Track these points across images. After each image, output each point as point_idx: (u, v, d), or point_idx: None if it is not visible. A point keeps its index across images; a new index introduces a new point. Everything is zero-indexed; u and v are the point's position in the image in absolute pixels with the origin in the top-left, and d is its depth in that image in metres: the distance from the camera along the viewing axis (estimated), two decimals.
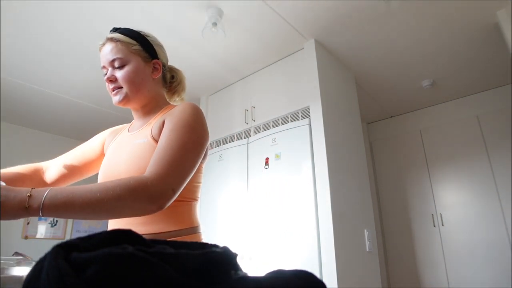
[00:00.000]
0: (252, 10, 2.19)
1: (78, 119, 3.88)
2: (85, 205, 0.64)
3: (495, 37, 2.50)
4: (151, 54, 0.95)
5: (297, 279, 0.42)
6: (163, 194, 0.69)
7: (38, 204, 0.62)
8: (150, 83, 0.95)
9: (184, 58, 2.72)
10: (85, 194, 0.64)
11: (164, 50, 1.02)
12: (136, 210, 0.68)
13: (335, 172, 2.18)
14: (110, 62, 0.90)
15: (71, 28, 2.36)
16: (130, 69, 0.90)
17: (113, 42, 0.90)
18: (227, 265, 0.41)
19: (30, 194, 0.63)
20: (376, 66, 2.88)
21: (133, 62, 0.90)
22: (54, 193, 0.64)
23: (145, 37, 0.95)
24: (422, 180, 3.42)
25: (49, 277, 0.29)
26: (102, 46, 0.92)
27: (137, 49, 0.92)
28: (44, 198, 0.62)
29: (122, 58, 0.89)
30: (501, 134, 3.04)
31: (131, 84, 0.90)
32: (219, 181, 2.73)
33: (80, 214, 0.65)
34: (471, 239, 2.98)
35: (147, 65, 0.94)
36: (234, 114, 2.97)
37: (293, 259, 2.06)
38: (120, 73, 0.89)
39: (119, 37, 0.90)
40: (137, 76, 0.91)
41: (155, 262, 0.31)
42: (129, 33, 0.93)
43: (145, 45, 0.94)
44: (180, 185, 0.74)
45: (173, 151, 0.76)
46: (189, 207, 0.89)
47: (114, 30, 0.94)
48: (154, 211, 0.69)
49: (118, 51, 0.89)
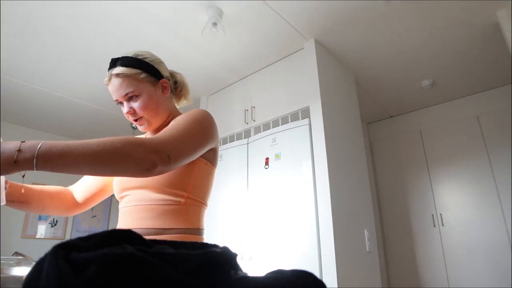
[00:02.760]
0: (252, 10, 2.19)
1: (78, 119, 3.88)
2: (81, 156, 0.63)
3: (495, 37, 2.50)
4: (156, 75, 0.97)
5: (297, 279, 0.42)
6: (158, 153, 0.70)
7: (31, 157, 0.61)
8: (165, 102, 0.99)
9: (184, 58, 2.72)
10: (81, 146, 0.64)
11: (164, 64, 1.03)
12: (131, 164, 0.68)
13: (335, 172, 2.18)
14: (123, 97, 0.93)
15: (72, 28, 2.36)
16: (144, 98, 0.93)
17: (119, 78, 0.92)
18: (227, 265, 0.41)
19: (19, 149, 0.61)
20: (376, 66, 2.89)
21: (144, 90, 0.94)
22: (49, 146, 0.63)
23: (145, 61, 0.96)
24: (422, 180, 3.42)
25: (49, 277, 0.29)
26: (109, 82, 0.94)
27: (144, 76, 0.94)
28: (38, 150, 0.61)
29: (134, 90, 0.92)
30: (501, 134, 3.04)
31: (149, 111, 0.94)
32: (219, 181, 2.73)
33: (76, 167, 0.64)
34: (471, 239, 2.98)
35: (157, 87, 0.97)
36: (234, 114, 2.97)
37: (293, 259, 2.06)
38: (136, 104, 0.93)
39: (124, 71, 0.92)
40: (152, 102, 0.95)
41: (155, 262, 0.31)
42: (131, 63, 0.93)
43: (149, 70, 0.95)
44: (177, 156, 0.75)
45: (175, 129, 0.80)
46: (199, 209, 0.91)
47: (113, 62, 0.94)
48: (149, 170, 0.69)
49: (128, 85, 0.92)
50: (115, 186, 0.95)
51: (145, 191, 0.86)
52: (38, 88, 3.16)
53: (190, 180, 0.87)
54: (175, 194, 0.85)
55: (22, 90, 3.18)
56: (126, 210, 0.89)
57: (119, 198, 0.95)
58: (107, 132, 4.22)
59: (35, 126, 4.08)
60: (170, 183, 0.85)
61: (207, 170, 0.92)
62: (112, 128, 4.04)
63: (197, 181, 0.89)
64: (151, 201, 0.85)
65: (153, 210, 0.84)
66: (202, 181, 0.90)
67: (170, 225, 0.83)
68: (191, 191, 0.87)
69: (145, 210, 0.85)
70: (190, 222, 0.87)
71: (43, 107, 3.56)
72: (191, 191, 0.87)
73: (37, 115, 3.76)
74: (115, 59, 0.94)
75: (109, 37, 2.47)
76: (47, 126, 4.09)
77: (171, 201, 0.85)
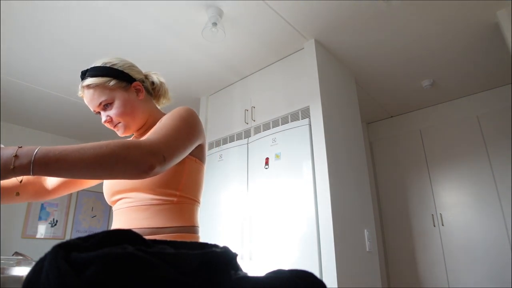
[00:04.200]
0: (252, 10, 2.20)
1: (78, 119, 3.88)
2: (78, 161, 0.64)
3: (495, 37, 2.50)
4: (127, 79, 0.97)
5: (297, 279, 0.42)
6: (155, 155, 0.71)
7: (28, 162, 0.61)
8: (140, 105, 0.99)
9: (184, 58, 2.72)
10: (78, 150, 0.65)
11: (135, 66, 1.03)
12: (129, 167, 0.68)
13: (335, 172, 2.18)
14: (98, 107, 0.95)
15: (72, 29, 2.36)
16: (118, 104, 0.94)
17: (91, 89, 0.93)
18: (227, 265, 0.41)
19: (16, 154, 0.62)
20: (376, 66, 2.89)
21: (117, 97, 0.94)
22: (46, 151, 0.63)
23: (114, 68, 0.96)
24: (422, 180, 3.42)
25: (49, 277, 0.29)
26: (83, 94, 0.95)
27: (114, 83, 0.94)
28: (35, 155, 0.62)
29: (106, 99, 0.93)
30: (501, 134, 3.04)
31: (125, 116, 0.95)
32: (219, 181, 2.73)
33: (72, 171, 0.65)
34: (471, 239, 2.98)
35: (130, 91, 0.97)
36: (234, 114, 2.97)
37: (293, 259, 2.07)
38: (111, 112, 0.94)
39: (94, 81, 0.92)
40: (127, 107, 0.95)
41: (155, 262, 0.31)
42: (100, 72, 0.94)
43: (118, 76, 0.95)
44: (171, 156, 0.76)
45: (165, 129, 0.81)
46: (192, 207, 0.91)
47: (83, 74, 0.95)
48: (146, 172, 0.70)
49: (100, 94, 0.93)
50: (106, 190, 0.95)
51: (138, 193, 0.86)
52: (38, 88, 3.16)
53: (181, 179, 0.88)
54: (168, 194, 0.86)
55: (22, 90, 3.18)
56: (120, 212, 0.89)
57: (111, 202, 0.94)
58: (107, 132, 4.21)
59: (35, 126, 4.08)
60: (162, 183, 0.85)
61: (196, 168, 0.93)
62: None
63: (188, 179, 0.90)
64: (145, 202, 0.86)
65: (147, 210, 0.85)
66: (193, 178, 0.92)
67: (165, 223, 0.84)
68: (183, 190, 0.88)
69: (139, 210, 0.85)
70: (185, 220, 0.87)
71: (43, 107, 3.56)
72: (183, 189, 0.88)
73: (37, 115, 3.76)
74: (84, 71, 0.95)
75: (108, 38, 2.47)
76: (47, 126, 4.09)
77: (164, 201, 0.86)
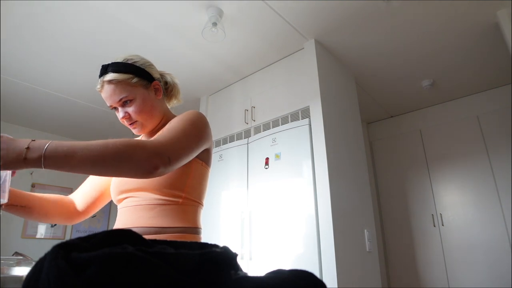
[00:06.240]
0: (252, 10, 2.19)
1: (78, 119, 3.88)
2: (85, 158, 0.66)
3: (495, 37, 2.50)
4: (148, 78, 0.97)
5: (297, 279, 0.42)
6: (160, 156, 0.73)
7: (39, 156, 0.64)
8: (158, 105, 1.00)
9: (184, 58, 2.72)
10: (85, 147, 0.67)
11: (154, 66, 1.03)
12: (133, 166, 0.70)
13: (335, 172, 2.18)
14: (117, 103, 0.94)
15: (72, 28, 2.36)
16: (138, 102, 0.94)
17: (112, 84, 0.92)
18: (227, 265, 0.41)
19: (28, 147, 0.65)
20: (376, 66, 2.89)
21: (138, 94, 0.94)
22: (55, 146, 0.66)
23: (136, 65, 0.96)
24: (422, 180, 3.42)
25: (49, 277, 0.29)
26: (102, 89, 0.94)
27: (136, 81, 0.94)
28: (45, 150, 0.65)
29: (128, 95, 0.93)
30: (501, 134, 3.03)
31: (144, 114, 0.96)
32: (219, 181, 2.73)
33: (80, 167, 0.67)
34: (471, 239, 2.98)
35: (150, 90, 0.98)
36: (234, 114, 2.97)
37: (293, 259, 2.06)
38: (131, 109, 0.94)
39: (116, 76, 0.92)
40: (146, 105, 0.95)
41: (155, 262, 0.31)
42: (122, 68, 0.93)
43: (141, 74, 0.96)
44: (177, 158, 0.77)
45: (173, 131, 0.82)
46: (196, 209, 0.93)
47: (104, 69, 0.94)
48: (150, 172, 0.71)
49: (121, 90, 0.92)
50: (113, 189, 0.95)
51: (145, 192, 0.87)
52: (38, 88, 3.16)
53: (187, 181, 0.89)
54: (173, 195, 0.87)
55: (22, 90, 3.18)
56: (126, 210, 0.90)
57: (117, 200, 0.95)
58: (107, 132, 4.22)
59: (35, 126, 4.08)
60: (168, 184, 0.86)
61: (202, 171, 0.94)
62: (112, 128, 4.04)
63: (194, 182, 0.91)
64: (151, 201, 0.86)
65: (153, 210, 0.86)
66: (198, 181, 0.93)
67: (169, 223, 0.85)
68: (188, 192, 0.89)
69: (145, 209, 0.86)
70: (188, 221, 0.88)
71: (43, 107, 3.56)
72: (188, 191, 0.89)
73: (37, 115, 3.76)
74: (105, 65, 0.95)
75: (108, 38, 2.47)
76: (47, 126, 4.09)
77: (169, 201, 0.86)
